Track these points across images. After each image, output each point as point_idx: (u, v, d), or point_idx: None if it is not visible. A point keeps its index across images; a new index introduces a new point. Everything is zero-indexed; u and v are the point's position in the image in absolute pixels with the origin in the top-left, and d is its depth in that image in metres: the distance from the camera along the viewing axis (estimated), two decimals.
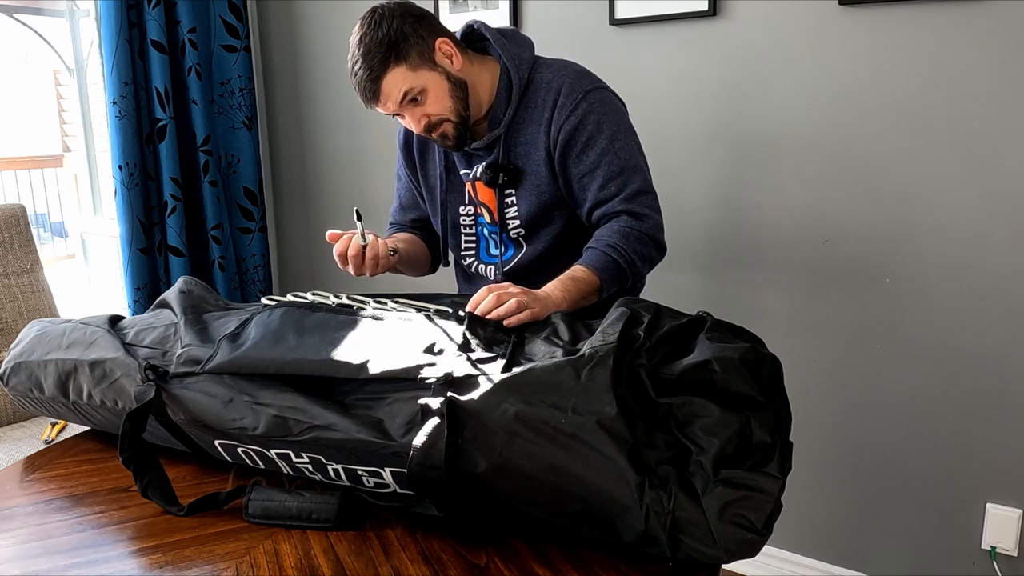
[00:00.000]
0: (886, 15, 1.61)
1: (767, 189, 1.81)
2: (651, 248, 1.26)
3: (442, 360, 0.90)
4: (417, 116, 1.24)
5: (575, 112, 1.23)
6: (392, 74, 1.19)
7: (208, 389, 0.95)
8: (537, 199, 1.29)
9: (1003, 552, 1.68)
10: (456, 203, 1.39)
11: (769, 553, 1.96)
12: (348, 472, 0.89)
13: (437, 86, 1.22)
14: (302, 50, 2.49)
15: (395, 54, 1.18)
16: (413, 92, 1.21)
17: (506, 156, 1.29)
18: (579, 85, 1.25)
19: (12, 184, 5.28)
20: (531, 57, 1.30)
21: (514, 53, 1.28)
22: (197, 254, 2.41)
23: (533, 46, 1.32)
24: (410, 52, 1.19)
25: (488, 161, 1.30)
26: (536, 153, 1.28)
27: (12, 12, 2.89)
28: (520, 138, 1.29)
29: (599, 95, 1.26)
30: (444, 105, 1.24)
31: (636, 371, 0.83)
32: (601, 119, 1.24)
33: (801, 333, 1.83)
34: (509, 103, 1.27)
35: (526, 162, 1.29)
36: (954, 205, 1.61)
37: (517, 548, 0.84)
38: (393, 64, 1.18)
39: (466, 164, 1.34)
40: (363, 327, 0.99)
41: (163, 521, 0.91)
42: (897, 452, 1.77)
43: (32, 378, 1.11)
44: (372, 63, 1.18)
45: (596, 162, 1.24)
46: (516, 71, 1.27)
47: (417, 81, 1.20)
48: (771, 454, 0.80)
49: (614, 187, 1.24)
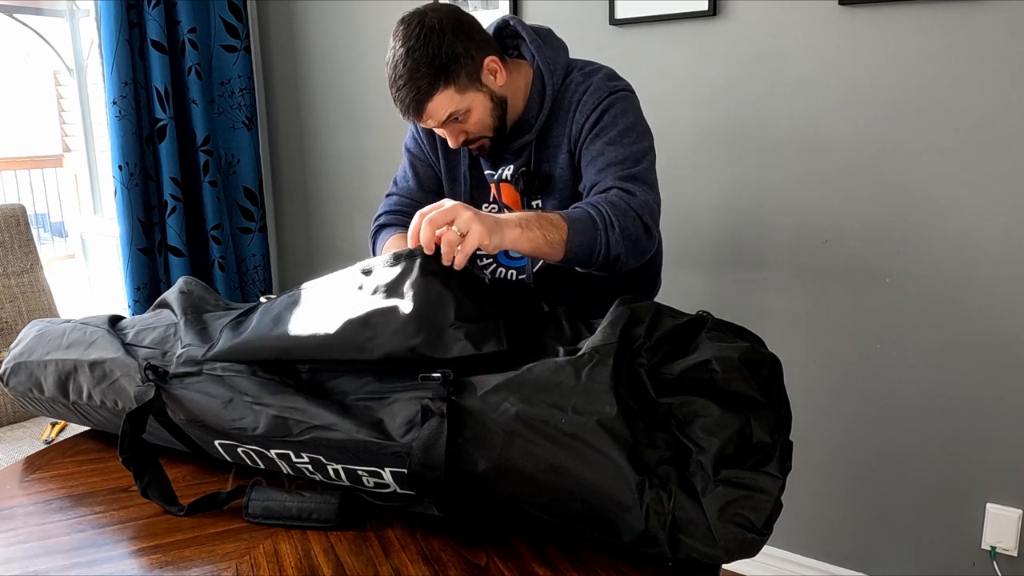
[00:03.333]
0: (886, 15, 1.61)
1: (767, 189, 1.80)
2: (637, 226, 1.12)
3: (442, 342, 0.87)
4: (456, 132, 1.22)
5: (596, 109, 1.21)
6: (440, 96, 1.15)
7: (208, 389, 0.95)
8: (560, 204, 1.27)
9: (1003, 552, 1.68)
10: (479, 201, 1.36)
11: (769, 553, 1.96)
12: (348, 472, 0.89)
13: (481, 107, 1.20)
14: (302, 50, 2.49)
15: (445, 76, 1.14)
16: (458, 113, 1.19)
17: (536, 162, 1.27)
18: (605, 86, 1.23)
19: (12, 184, 5.28)
20: (566, 61, 1.27)
21: (549, 57, 1.26)
22: (197, 254, 2.41)
23: (568, 49, 1.30)
24: (460, 74, 1.15)
25: (519, 166, 1.28)
26: (561, 156, 1.26)
27: (12, 12, 2.89)
28: (548, 141, 1.27)
29: (623, 96, 1.24)
30: (485, 124, 1.22)
31: (636, 371, 0.83)
32: (618, 115, 1.22)
33: (801, 333, 1.83)
34: (541, 109, 1.25)
35: (553, 166, 1.27)
36: (954, 205, 1.61)
37: (517, 548, 0.84)
38: (443, 87, 1.15)
39: (491, 165, 1.32)
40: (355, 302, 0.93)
41: (163, 521, 0.91)
42: (897, 452, 1.77)
43: (32, 378, 1.11)
44: (420, 83, 1.13)
45: (601, 150, 1.20)
46: (551, 76, 1.24)
47: (464, 103, 1.18)
48: (771, 454, 0.80)
49: (613, 170, 1.19)
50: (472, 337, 0.86)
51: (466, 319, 0.88)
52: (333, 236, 2.59)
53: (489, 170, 1.33)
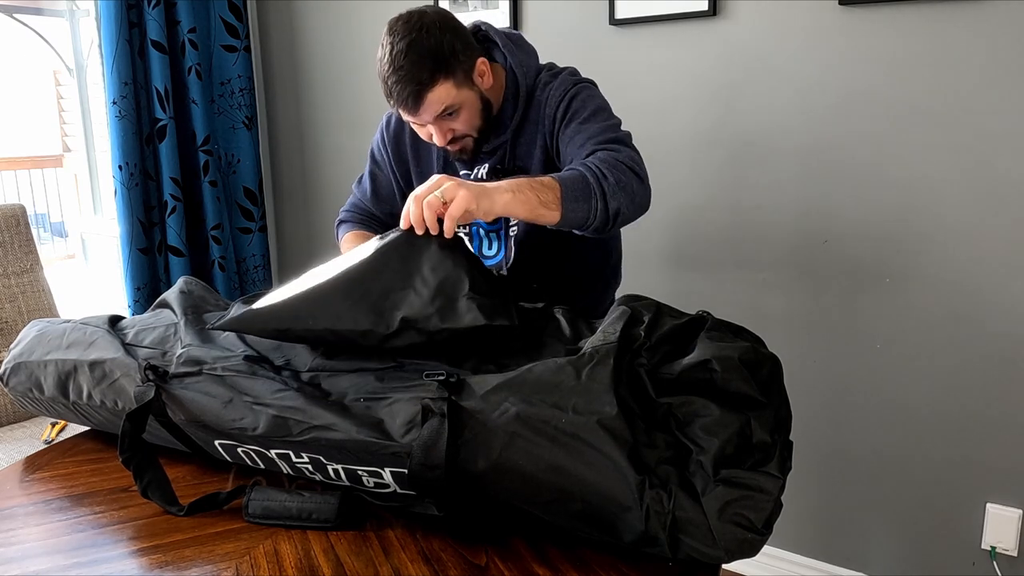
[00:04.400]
0: (886, 15, 1.61)
1: (767, 189, 1.81)
2: (629, 176, 1.12)
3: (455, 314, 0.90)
4: (444, 129, 1.25)
5: (565, 96, 1.26)
6: (439, 89, 1.18)
7: (208, 389, 0.95)
8: None
9: (1003, 552, 1.68)
10: None
11: (769, 553, 1.96)
12: (348, 472, 0.89)
13: (471, 106, 1.24)
14: (302, 50, 2.49)
15: (446, 69, 1.18)
16: (452, 108, 1.22)
17: (511, 160, 1.32)
18: (570, 79, 1.30)
19: (12, 184, 5.29)
20: (537, 65, 1.33)
21: (522, 60, 1.31)
22: (197, 254, 2.41)
23: (537, 54, 1.35)
24: (457, 70, 1.20)
25: (493, 164, 1.32)
26: (536, 150, 1.30)
27: (12, 12, 2.89)
28: (522, 140, 1.31)
29: (586, 86, 1.30)
30: (473, 124, 1.26)
31: (636, 370, 0.83)
32: (586, 99, 1.26)
33: (801, 333, 1.83)
34: (516, 109, 1.30)
35: (529, 162, 1.31)
36: (954, 205, 1.61)
37: (517, 548, 0.84)
38: (442, 79, 1.18)
39: (466, 165, 1.36)
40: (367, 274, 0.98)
41: (163, 521, 0.91)
42: (897, 452, 1.77)
43: (32, 378, 1.11)
44: (422, 74, 1.16)
45: (577, 129, 1.24)
46: (524, 78, 1.29)
47: (458, 99, 1.21)
48: (771, 454, 0.80)
49: (592, 142, 1.20)
50: (484, 309, 0.90)
51: (479, 293, 0.91)
52: (333, 236, 2.58)
53: (465, 170, 1.36)
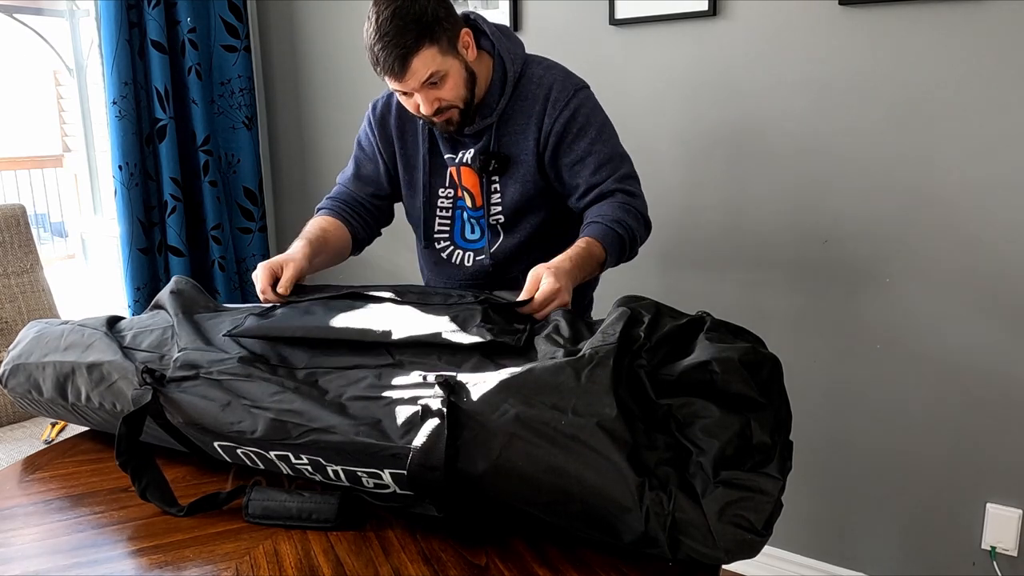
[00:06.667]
0: (886, 15, 1.61)
1: (767, 189, 1.80)
2: (642, 226, 1.34)
3: (464, 334, 0.96)
4: (431, 99, 1.26)
5: (567, 107, 1.32)
6: (424, 54, 1.21)
7: (205, 393, 0.95)
8: (521, 188, 1.36)
9: (1003, 552, 1.68)
10: (436, 185, 1.43)
11: (769, 553, 1.96)
12: (348, 473, 0.89)
13: (457, 74, 1.27)
14: (302, 50, 2.48)
15: (430, 35, 1.20)
16: (437, 75, 1.24)
17: (496, 144, 1.35)
18: (569, 83, 1.34)
19: (12, 184, 5.28)
20: (523, 54, 1.38)
21: (509, 48, 1.35)
22: (197, 254, 2.41)
23: (524, 45, 1.39)
24: (442, 36, 1.22)
25: (479, 149, 1.35)
26: (525, 143, 1.34)
27: (12, 12, 2.89)
28: (509, 127, 1.35)
29: (586, 93, 1.35)
30: (458, 93, 1.28)
31: (636, 372, 0.83)
32: (590, 114, 1.34)
33: (801, 333, 1.83)
34: (502, 94, 1.33)
35: (514, 151, 1.35)
36: (954, 205, 1.61)
37: (517, 548, 0.84)
38: (427, 44, 1.20)
39: (451, 149, 1.39)
40: (387, 307, 1.07)
41: (163, 521, 0.91)
42: (897, 452, 1.77)
43: (31, 380, 1.11)
44: (407, 38, 1.19)
45: (587, 150, 1.32)
46: (512, 64, 1.34)
47: (443, 65, 1.24)
48: (771, 455, 0.80)
49: (606, 171, 1.33)
50: (492, 332, 0.96)
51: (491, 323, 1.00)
52: None
53: (449, 154, 1.39)
